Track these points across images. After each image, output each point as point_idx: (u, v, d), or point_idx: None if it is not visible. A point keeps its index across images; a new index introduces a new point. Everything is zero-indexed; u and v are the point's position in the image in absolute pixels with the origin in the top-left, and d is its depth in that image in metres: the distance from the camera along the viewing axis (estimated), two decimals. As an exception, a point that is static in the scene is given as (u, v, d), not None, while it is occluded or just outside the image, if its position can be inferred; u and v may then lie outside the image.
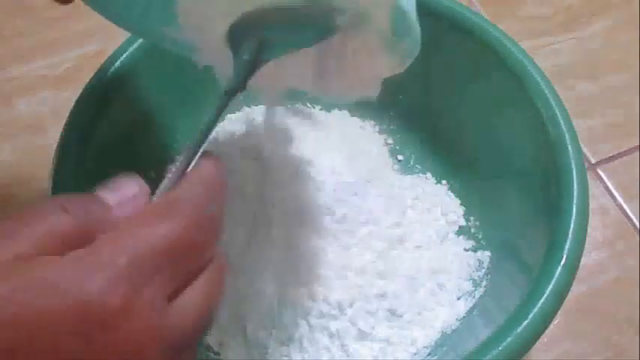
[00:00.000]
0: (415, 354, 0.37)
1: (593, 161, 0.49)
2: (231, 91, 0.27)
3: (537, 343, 0.31)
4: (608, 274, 0.44)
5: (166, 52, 0.40)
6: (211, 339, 0.37)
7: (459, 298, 0.39)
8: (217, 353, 0.36)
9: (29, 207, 0.21)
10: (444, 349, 0.36)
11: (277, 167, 0.38)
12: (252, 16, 0.28)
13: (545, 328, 0.31)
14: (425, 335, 0.37)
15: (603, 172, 0.48)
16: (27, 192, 0.46)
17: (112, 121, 0.39)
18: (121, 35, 0.40)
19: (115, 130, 0.39)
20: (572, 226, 0.33)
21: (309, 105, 0.46)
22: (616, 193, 0.47)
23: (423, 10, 0.40)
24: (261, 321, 0.36)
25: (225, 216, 0.24)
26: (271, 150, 0.39)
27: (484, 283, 0.39)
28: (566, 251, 0.33)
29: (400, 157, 0.45)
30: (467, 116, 0.43)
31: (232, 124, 0.43)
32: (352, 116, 0.46)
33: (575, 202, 0.34)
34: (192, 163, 0.24)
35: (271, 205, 0.37)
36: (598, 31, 0.55)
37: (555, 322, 0.33)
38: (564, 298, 0.32)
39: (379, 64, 0.29)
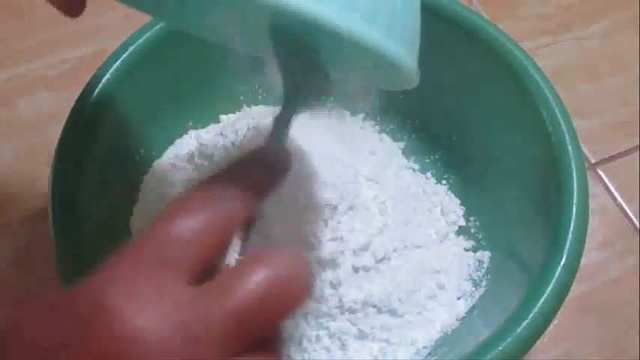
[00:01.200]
0: (415, 354, 0.37)
1: (593, 161, 0.49)
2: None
3: (537, 343, 0.31)
4: (608, 274, 0.44)
5: (166, 53, 0.40)
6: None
7: (459, 298, 0.39)
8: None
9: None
10: (444, 349, 0.36)
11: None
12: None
13: (545, 328, 0.31)
14: (425, 335, 0.37)
15: (603, 172, 0.48)
16: (27, 192, 0.46)
17: (112, 121, 0.39)
18: (121, 35, 0.40)
19: (115, 130, 0.39)
20: (572, 226, 0.33)
21: (309, 105, 0.46)
22: (616, 193, 0.47)
23: (423, 11, 0.40)
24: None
25: None
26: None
27: (484, 283, 0.39)
28: (566, 251, 0.33)
29: (400, 157, 0.45)
30: (467, 116, 0.43)
31: (232, 124, 0.43)
32: (352, 116, 0.46)
33: (575, 202, 0.34)
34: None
35: (271, 203, 0.37)
36: (598, 31, 0.55)
37: (555, 322, 0.33)
38: (564, 298, 0.32)
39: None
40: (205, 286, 0.21)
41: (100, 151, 0.37)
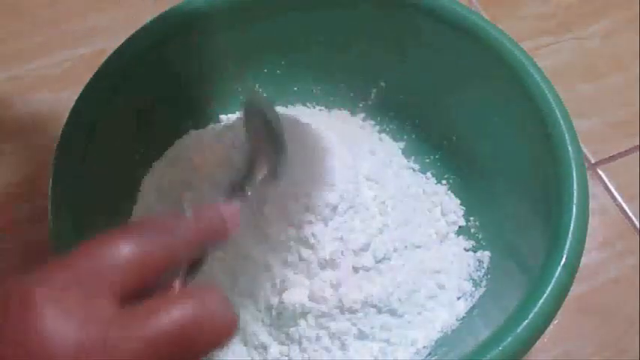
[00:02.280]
0: (415, 354, 0.37)
1: (593, 161, 0.49)
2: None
3: (537, 343, 0.31)
4: (608, 274, 0.44)
5: (165, 53, 0.40)
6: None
7: (459, 298, 0.39)
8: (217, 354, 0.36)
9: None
10: (444, 349, 0.36)
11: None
12: None
13: (545, 328, 0.31)
14: (425, 335, 0.37)
15: (603, 172, 0.48)
16: (27, 192, 0.46)
17: (112, 120, 0.39)
18: (121, 35, 0.40)
19: (115, 130, 0.39)
20: (572, 226, 0.33)
21: (309, 105, 0.46)
22: (616, 193, 0.47)
23: (424, 11, 0.40)
24: (261, 321, 0.36)
25: None
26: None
27: (484, 283, 0.39)
28: (566, 251, 0.33)
29: (400, 157, 0.45)
30: (467, 117, 0.43)
31: (232, 124, 0.43)
32: (352, 116, 0.46)
33: (575, 202, 0.34)
34: None
35: (270, 204, 0.37)
36: (598, 31, 0.55)
37: (555, 322, 0.33)
38: (564, 298, 0.32)
39: None
40: (131, 308, 0.21)
41: (99, 151, 0.37)
